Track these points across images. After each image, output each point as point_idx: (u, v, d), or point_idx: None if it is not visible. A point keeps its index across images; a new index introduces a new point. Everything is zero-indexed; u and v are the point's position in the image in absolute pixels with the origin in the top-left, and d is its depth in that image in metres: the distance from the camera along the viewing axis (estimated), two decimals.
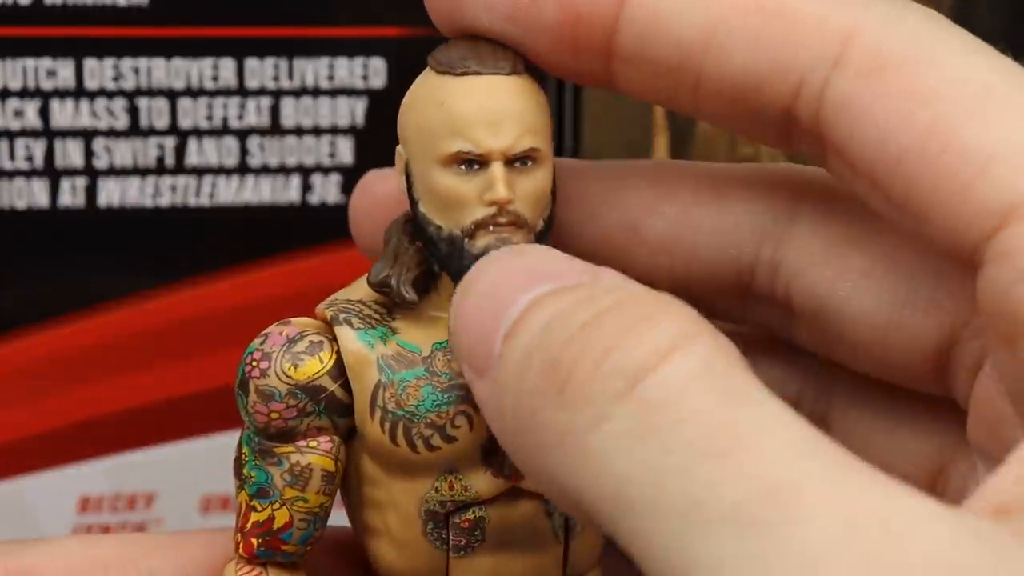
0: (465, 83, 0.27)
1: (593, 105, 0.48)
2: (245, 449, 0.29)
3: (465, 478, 0.28)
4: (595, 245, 0.30)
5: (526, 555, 0.28)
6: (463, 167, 0.27)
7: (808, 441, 0.21)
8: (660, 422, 0.21)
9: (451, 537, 0.28)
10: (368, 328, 0.28)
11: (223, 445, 0.47)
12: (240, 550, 0.29)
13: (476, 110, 0.27)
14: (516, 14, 0.27)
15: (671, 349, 0.21)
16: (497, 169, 0.27)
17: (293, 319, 0.29)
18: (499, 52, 0.28)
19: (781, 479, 0.20)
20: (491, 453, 0.28)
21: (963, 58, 0.25)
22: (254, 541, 0.28)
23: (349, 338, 0.28)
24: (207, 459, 0.48)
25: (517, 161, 0.27)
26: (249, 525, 0.29)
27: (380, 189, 0.31)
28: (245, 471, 0.29)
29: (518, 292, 0.24)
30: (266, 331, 0.28)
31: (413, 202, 0.28)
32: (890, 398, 0.29)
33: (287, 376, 0.28)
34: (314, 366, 0.28)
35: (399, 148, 0.28)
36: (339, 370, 0.28)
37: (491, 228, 0.27)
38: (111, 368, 0.47)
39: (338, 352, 0.28)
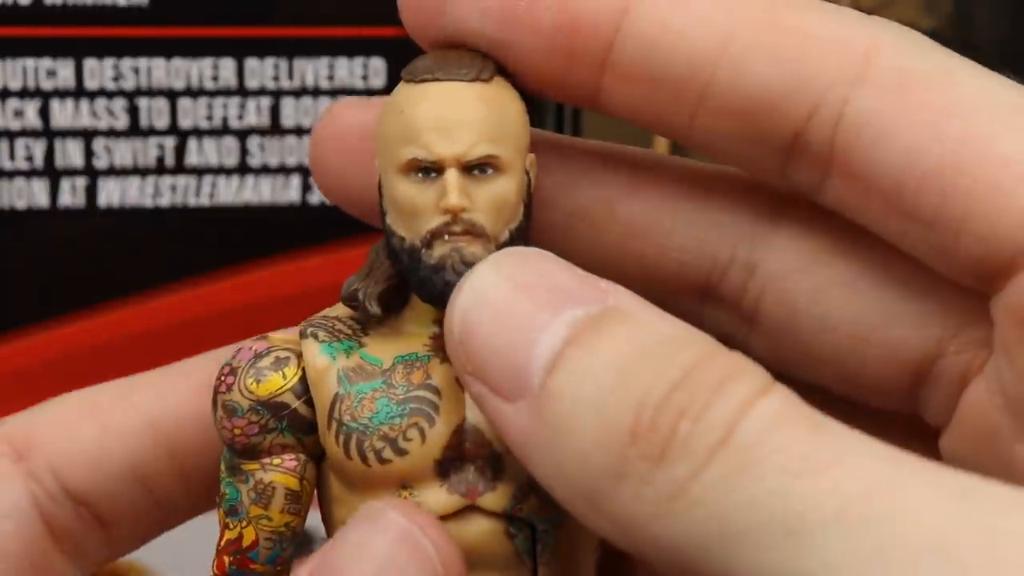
0: (422, 89, 0.27)
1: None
2: (222, 465, 0.28)
3: (418, 494, 0.27)
4: (569, 217, 0.29)
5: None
6: (419, 175, 0.26)
7: (891, 453, 0.22)
8: (755, 457, 0.22)
9: None
10: (333, 341, 0.28)
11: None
12: (215, 568, 0.28)
13: (429, 116, 0.26)
14: (511, 16, 0.27)
15: (756, 397, 0.22)
16: (451, 176, 0.26)
17: (271, 334, 0.28)
18: (466, 59, 0.27)
19: (878, 481, 0.21)
20: (446, 469, 0.27)
21: (982, 77, 0.25)
22: (226, 559, 0.28)
23: (312, 352, 0.27)
24: None
25: (475, 169, 0.26)
26: (223, 543, 0.28)
27: (350, 119, 0.30)
28: (221, 487, 0.28)
29: (544, 313, 0.24)
30: (240, 344, 0.28)
31: (383, 214, 0.28)
32: (843, 418, 0.30)
33: (249, 392, 0.27)
34: (276, 382, 0.27)
35: (376, 160, 0.28)
36: (303, 387, 0.27)
37: (446, 237, 0.26)
38: (111, 368, 0.47)
39: (304, 369, 0.28)
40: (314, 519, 0.29)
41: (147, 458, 0.31)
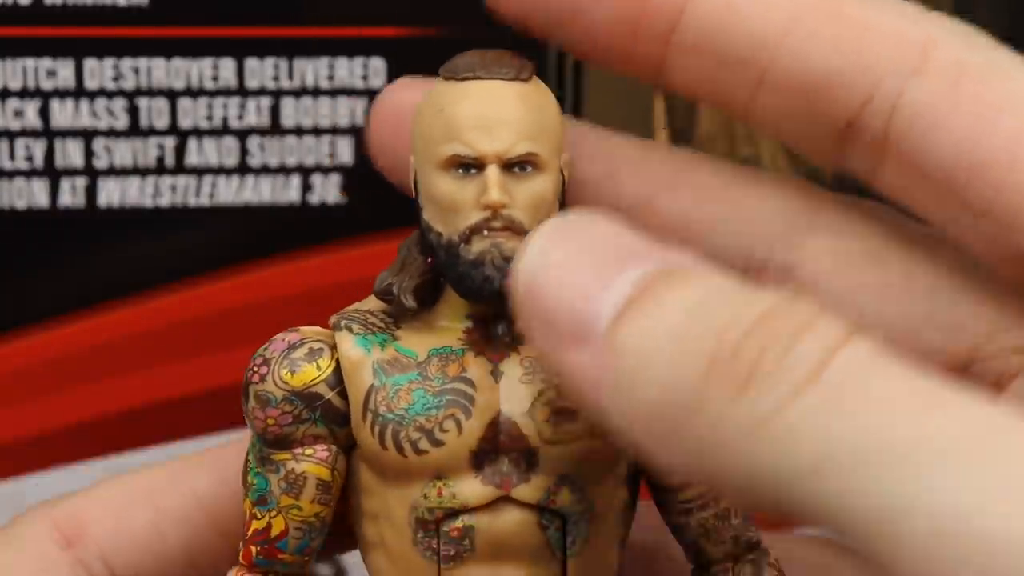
0: (464, 87, 0.27)
1: (593, 105, 0.48)
2: (250, 456, 0.29)
3: (453, 485, 0.27)
4: (609, 210, 0.29)
5: (520, 568, 0.28)
6: (460, 171, 0.27)
7: (981, 396, 0.21)
8: (856, 392, 0.21)
9: (441, 546, 0.28)
10: (368, 334, 0.28)
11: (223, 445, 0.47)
12: (242, 558, 0.29)
13: (472, 113, 0.27)
14: None
15: (846, 338, 0.22)
16: (492, 172, 0.27)
17: (303, 327, 0.29)
18: (505, 58, 0.28)
19: (993, 419, 0.20)
20: (480, 461, 0.27)
21: None
22: (253, 549, 0.28)
23: (347, 343, 0.28)
24: None
25: (515, 166, 0.27)
26: (250, 533, 0.28)
27: (406, 98, 0.30)
28: (249, 478, 0.29)
29: (613, 269, 0.24)
30: (273, 337, 0.28)
31: (419, 209, 0.28)
32: None
33: (283, 382, 0.28)
34: (311, 373, 0.28)
35: (412, 157, 0.28)
36: (337, 378, 0.28)
37: (485, 233, 0.27)
38: (111, 368, 0.47)
39: (338, 360, 0.28)
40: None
41: (201, 541, 0.31)
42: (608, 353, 0.23)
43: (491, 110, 0.27)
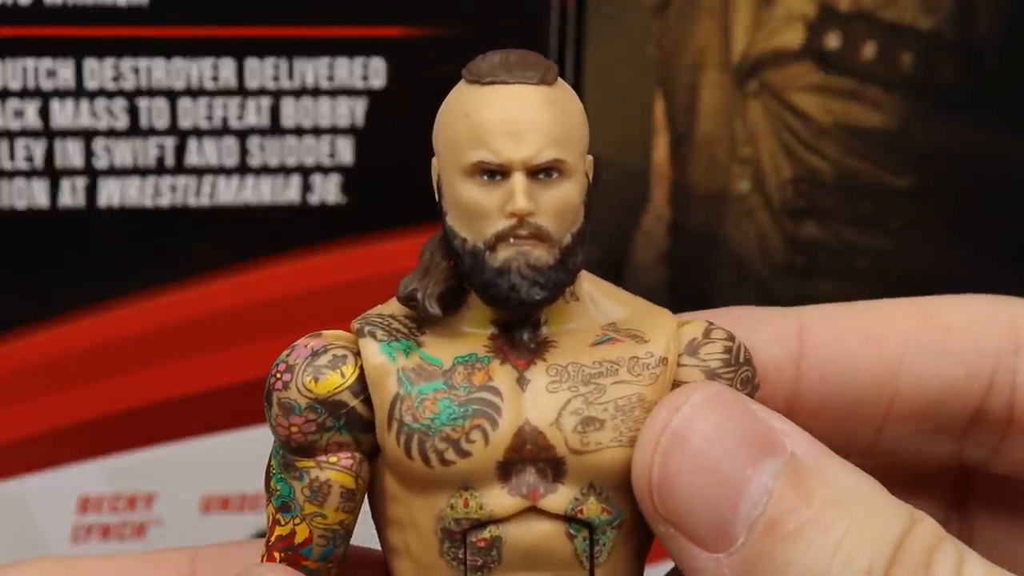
0: (490, 92, 0.27)
1: (593, 105, 0.48)
2: (273, 461, 0.28)
3: (480, 495, 0.27)
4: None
5: None
6: (485, 177, 0.27)
7: None
8: None
9: (467, 557, 0.27)
10: (392, 341, 0.28)
11: (223, 445, 0.47)
12: (266, 562, 0.28)
13: (498, 119, 0.27)
14: None
15: (960, 565, 0.25)
16: (518, 180, 0.26)
17: (325, 331, 0.28)
18: (529, 62, 0.27)
19: None
20: (507, 471, 0.27)
21: None
22: (277, 555, 0.28)
23: (371, 350, 0.28)
24: (207, 459, 0.48)
25: (541, 173, 0.27)
26: (273, 539, 0.28)
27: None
28: (272, 484, 0.28)
29: (745, 466, 0.25)
30: (295, 343, 0.28)
31: (443, 213, 0.28)
32: None
33: (307, 390, 0.27)
34: (335, 380, 0.27)
35: (434, 160, 0.28)
36: (361, 385, 0.27)
37: (511, 241, 0.27)
38: (111, 368, 0.47)
39: (362, 367, 0.28)
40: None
41: None
42: (744, 569, 0.25)
43: (516, 116, 0.27)
